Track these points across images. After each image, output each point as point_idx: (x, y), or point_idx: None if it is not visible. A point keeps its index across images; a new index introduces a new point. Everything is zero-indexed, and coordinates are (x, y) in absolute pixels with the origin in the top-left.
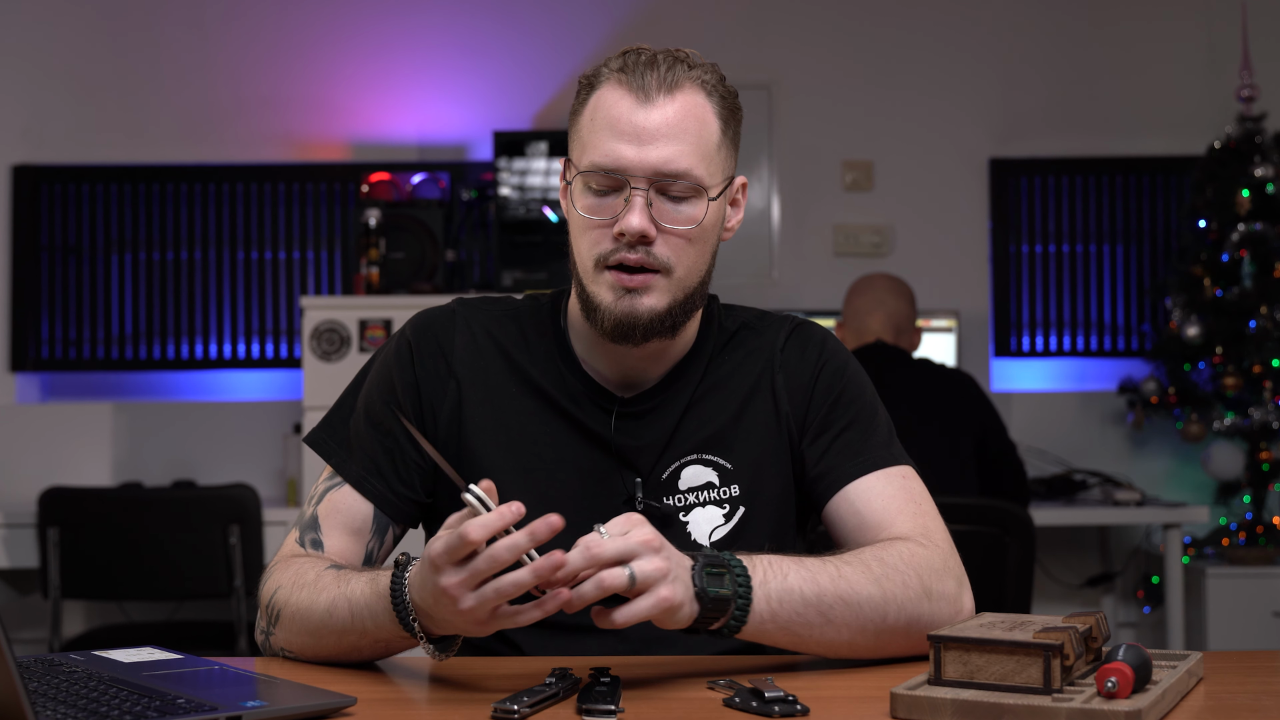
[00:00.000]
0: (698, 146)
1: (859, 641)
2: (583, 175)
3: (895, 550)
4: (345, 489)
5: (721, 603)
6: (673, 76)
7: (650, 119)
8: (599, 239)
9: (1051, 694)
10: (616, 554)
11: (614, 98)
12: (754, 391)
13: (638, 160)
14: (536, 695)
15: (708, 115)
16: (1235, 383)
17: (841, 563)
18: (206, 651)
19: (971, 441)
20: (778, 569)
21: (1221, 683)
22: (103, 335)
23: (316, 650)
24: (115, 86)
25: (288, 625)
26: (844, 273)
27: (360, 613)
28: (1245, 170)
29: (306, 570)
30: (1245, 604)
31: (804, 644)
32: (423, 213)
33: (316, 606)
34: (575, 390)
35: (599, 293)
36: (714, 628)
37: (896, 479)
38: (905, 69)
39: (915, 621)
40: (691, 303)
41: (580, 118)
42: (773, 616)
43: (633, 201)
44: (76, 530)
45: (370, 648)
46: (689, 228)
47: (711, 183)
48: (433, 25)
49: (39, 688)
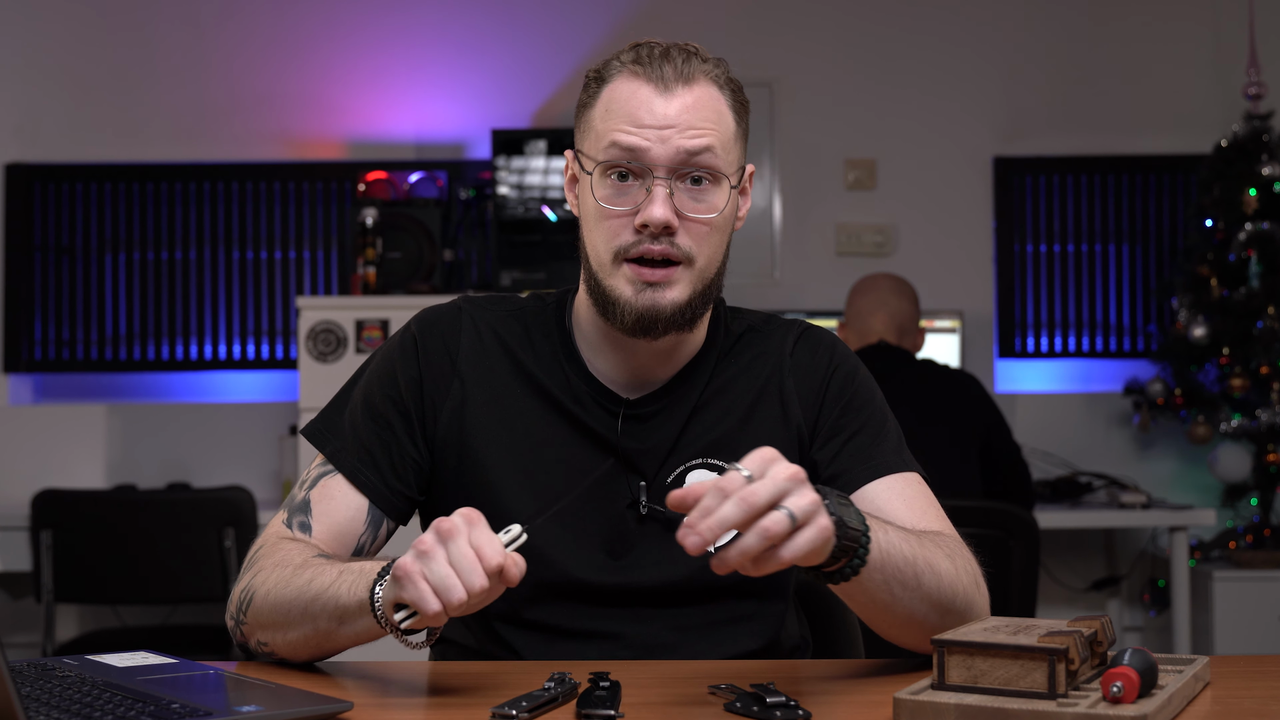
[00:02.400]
0: (718, 134)
1: (931, 618)
2: (603, 165)
3: (944, 538)
4: (338, 478)
5: (855, 535)
6: (689, 69)
7: (671, 107)
8: (617, 230)
9: (1056, 699)
10: (772, 497)
11: (631, 88)
12: (762, 395)
13: (661, 148)
14: (535, 700)
15: (722, 106)
16: (1242, 384)
17: (911, 534)
18: (201, 656)
19: (976, 443)
20: (880, 523)
21: (1229, 687)
22: (96, 336)
23: (292, 636)
24: (109, 84)
25: (262, 609)
26: (846, 272)
27: (348, 605)
28: (1252, 169)
29: (290, 556)
30: (1253, 607)
31: (893, 607)
32: (420, 212)
33: (299, 592)
34: (580, 392)
35: (617, 286)
36: (838, 566)
37: (913, 483)
38: (908, 66)
39: (970, 608)
40: (710, 294)
41: (592, 110)
42: (881, 566)
43: (655, 192)
44: (70, 533)
45: (353, 639)
46: (711, 216)
47: (730, 170)
48: (430, 22)
49: (32, 692)
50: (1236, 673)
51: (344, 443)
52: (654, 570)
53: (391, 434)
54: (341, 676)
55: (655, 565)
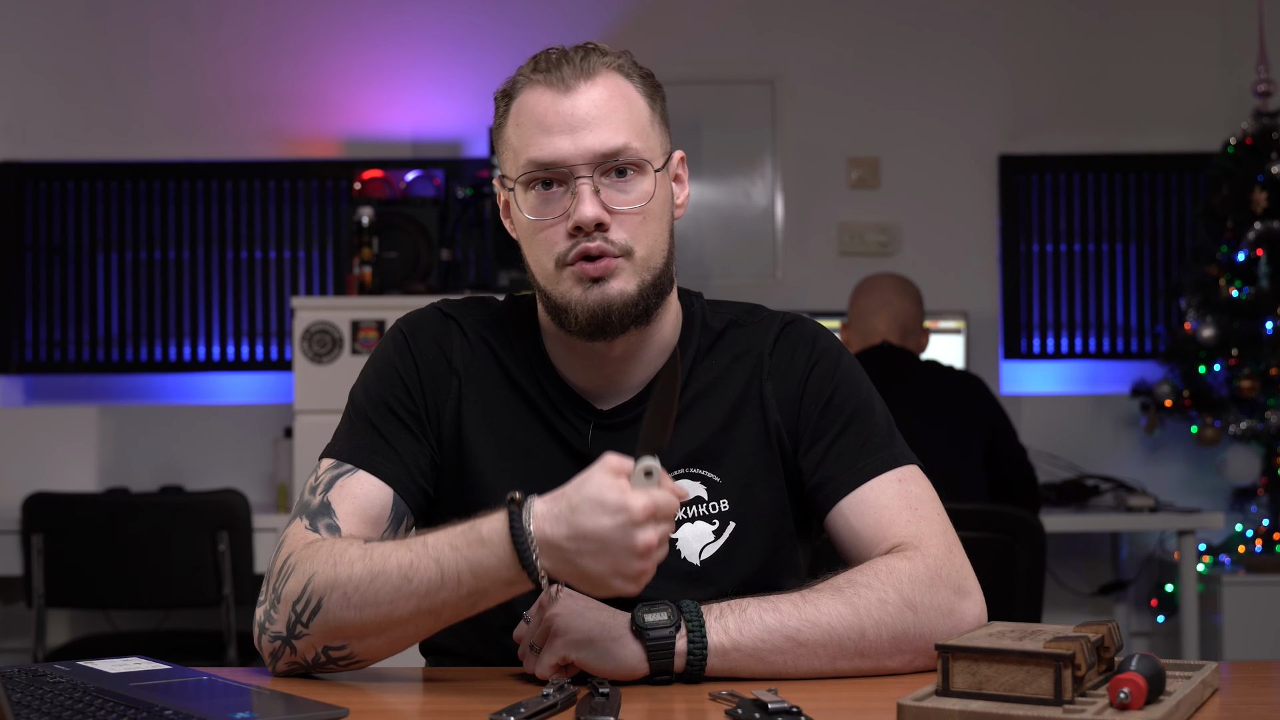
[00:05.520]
0: (630, 122)
1: (842, 662)
2: (524, 178)
3: (870, 569)
4: (357, 475)
5: (663, 630)
6: (588, 65)
7: (577, 106)
8: (554, 240)
9: (1063, 705)
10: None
11: (535, 97)
12: (743, 400)
13: (575, 149)
14: (533, 707)
15: (632, 94)
16: (1251, 385)
17: (807, 591)
18: (195, 662)
19: (981, 446)
20: (734, 604)
21: (1237, 694)
22: (88, 337)
23: (384, 624)
24: (101, 81)
25: (339, 607)
26: (849, 272)
27: (452, 565)
28: (1262, 167)
29: (346, 549)
30: (1262, 613)
31: (782, 670)
32: (417, 211)
33: (387, 573)
34: (555, 399)
35: (566, 291)
36: (681, 667)
37: (893, 484)
38: (912, 63)
39: (901, 637)
40: (660, 285)
41: (505, 128)
42: (735, 646)
43: (580, 192)
44: (61, 537)
45: (456, 606)
46: (641, 204)
47: (652, 156)
48: (427, 18)
49: (23, 699)
50: (1245, 678)
51: (358, 443)
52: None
53: (404, 427)
54: (337, 682)
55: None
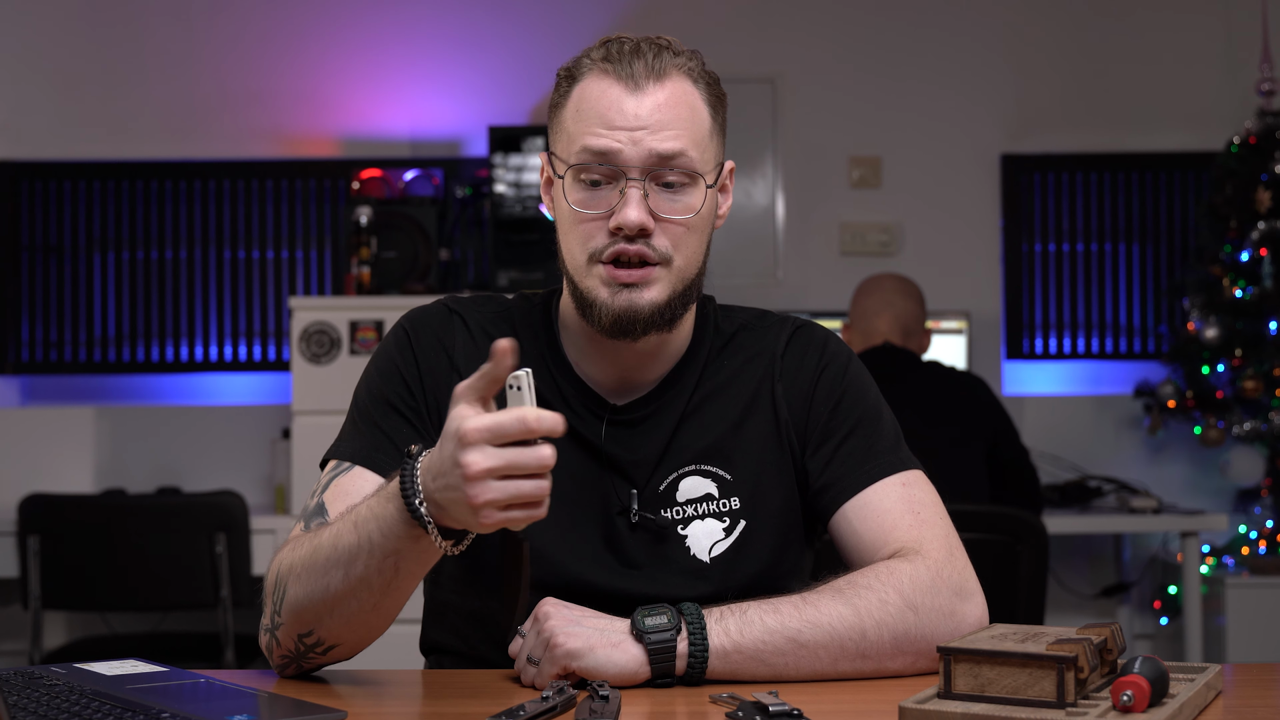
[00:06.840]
0: (691, 132)
1: (843, 664)
2: (574, 168)
3: (871, 571)
4: (353, 472)
5: (664, 633)
6: (660, 64)
7: (642, 106)
8: (592, 233)
9: (1065, 708)
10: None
11: (601, 87)
12: (755, 399)
13: (632, 149)
14: (533, 710)
15: (697, 102)
16: (1255, 386)
17: (808, 593)
18: (192, 664)
19: (983, 447)
20: (735, 606)
21: (1241, 696)
22: (84, 337)
23: (330, 600)
24: (97, 80)
25: (295, 587)
26: (851, 272)
27: (366, 526)
28: (1266, 166)
29: (310, 535)
30: (1266, 615)
31: (784, 672)
32: (415, 210)
33: (321, 545)
34: (568, 395)
35: (593, 288)
36: (682, 670)
37: (897, 488)
38: (914, 62)
39: (902, 638)
40: (690, 294)
41: (563, 110)
42: (737, 648)
43: (628, 194)
44: (57, 539)
45: (379, 573)
46: (687, 217)
47: (706, 169)
48: (426, 17)
49: (19, 701)
50: (1249, 681)
51: (360, 442)
52: (648, 579)
53: (405, 422)
54: (336, 684)
55: (649, 575)
